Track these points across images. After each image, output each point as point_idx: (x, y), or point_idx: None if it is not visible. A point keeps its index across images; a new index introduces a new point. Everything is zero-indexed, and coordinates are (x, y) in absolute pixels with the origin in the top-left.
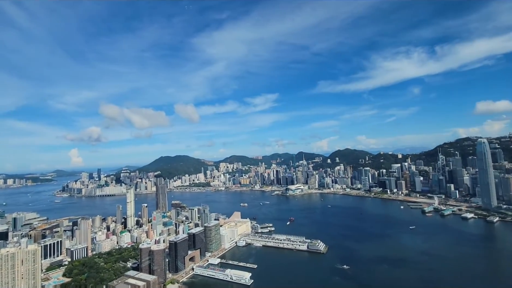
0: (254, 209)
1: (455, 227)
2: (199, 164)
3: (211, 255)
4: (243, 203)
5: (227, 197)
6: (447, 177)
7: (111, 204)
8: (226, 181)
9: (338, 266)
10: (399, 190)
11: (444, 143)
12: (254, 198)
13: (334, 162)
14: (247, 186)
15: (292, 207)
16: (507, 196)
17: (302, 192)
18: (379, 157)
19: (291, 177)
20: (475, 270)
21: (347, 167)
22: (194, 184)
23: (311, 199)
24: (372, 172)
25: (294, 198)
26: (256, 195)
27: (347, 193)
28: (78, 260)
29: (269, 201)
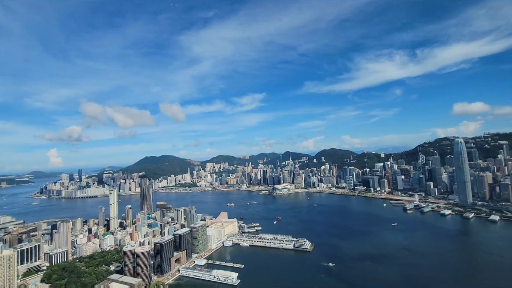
0: (241, 209)
1: (434, 223)
2: (185, 164)
3: (198, 256)
4: (230, 203)
5: (213, 197)
6: (427, 176)
7: (93, 206)
8: (213, 181)
9: (323, 263)
10: (382, 188)
11: (424, 143)
12: (241, 198)
13: (320, 162)
14: (234, 186)
15: (279, 206)
16: (481, 193)
17: (288, 192)
18: (363, 156)
19: (278, 177)
20: (452, 264)
21: (333, 167)
22: (180, 184)
23: (297, 198)
24: (356, 171)
25: (281, 198)
26: (243, 195)
27: (332, 192)
28: (58, 265)
29: (256, 200)
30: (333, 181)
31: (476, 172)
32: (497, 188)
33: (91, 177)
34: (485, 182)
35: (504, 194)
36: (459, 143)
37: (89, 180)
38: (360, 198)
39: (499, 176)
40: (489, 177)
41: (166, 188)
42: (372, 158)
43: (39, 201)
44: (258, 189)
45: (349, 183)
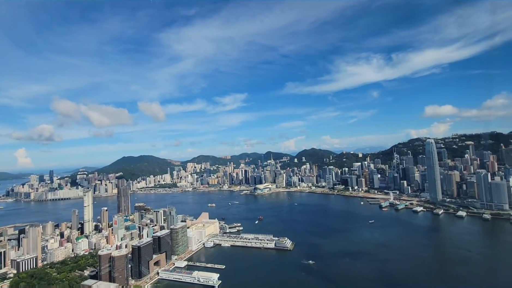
0: (222, 209)
1: (407, 220)
2: (165, 165)
3: (178, 258)
4: (211, 203)
5: (194, 197)
6: (401, 174)
7: (65, 208)
8: (194, 181)
9: (304, 262)
10: (360, 187)
11: (398, 143)
12: (222, 198)
13: (301, 162)
14: (215, 186)
15: (261, 206)
16: (450, 191)
17: (270, 191)
18: (342, 156)
19: (260, 177)
20: (424, 258)
21: (313, 166)
22: (160, 185)
23: (278, 198)
24: (335, 171)
25: (262, 197)
26: (225, 195)
27: (312, 191)
28: (26, 272)
29: (238, 200)
30: (313, 180)
31: (445, 170)
32: (464, 186)
33: (64, 178)
34: (453, 180)
35: (470, 192)
36: (430, 143)
37: (61, 182)
38: (339, 197)
39: (465, 174)
40: (457, 175)
41: (145, 189)
42: (350, 158)
43: (5, 204)
44: (240, 189)
45: (328, 182)
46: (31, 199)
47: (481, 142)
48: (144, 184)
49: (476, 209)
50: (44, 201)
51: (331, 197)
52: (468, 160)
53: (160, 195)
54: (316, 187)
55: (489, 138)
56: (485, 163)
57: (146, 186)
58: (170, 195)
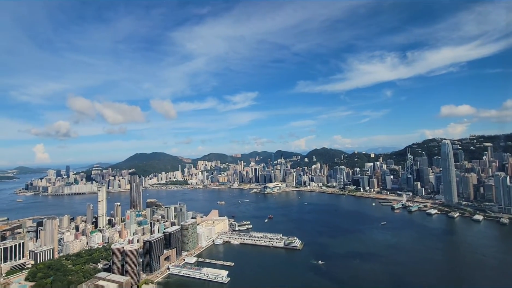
0: (232, 207)
1: (421, 222)
2: (176, 162)
3: (188, 254)
4: (221, 201)
5: (204, 195)
6: (414, 176)
7: (80, 203)
8: (204, 179)
9: (313, 262)
10: (371, 188)
11: (412, 144)
12: (232, 196)
13: (311, 161)
14: (225, 184)
15: (270, 205)
16: (466, 193)
17: (280, 190)
18: (353, 156)
19: (269, 175)
20: (436, 261)
21: (323, 166)
22: (171, 182)
23: (288, 197)
24: (346, 171)
25: (272, 196)
26: (235, 193)
27: (323, 191)
28: (43, 263)
29: (248, 199)
30: (323, 180)
31: (461, 173)
32: (481, 188)
33: (79, 174)
34: (470, 182)
35: (487, 195)
36: (445, 144)
37: (77, 177)
38: (350, 197)
39: (483, 177)
40: (474, 178)
41: (157, 186)
42: (362, 158)
43: (24, 197)
44: (250, 187)
45: (339, 182)
46: (49, 193)
47: (500, 143)
48: (156, 180)
49: (494, 213)
50: (61, 195)
51: (341, 197)
52: (486, 162)
53: (171, 192)
54: (326, 187)
55: (509, 139)
56: (504, 165)
57: (158, 183)
58: (181, 192)
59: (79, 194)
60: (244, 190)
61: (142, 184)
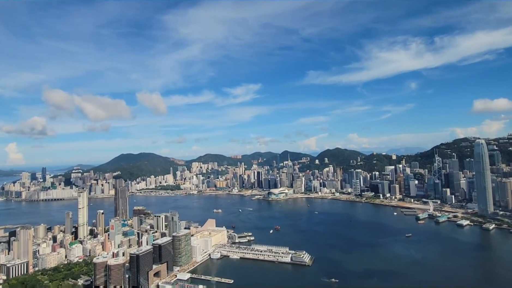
0: (231, 216)
1: (450, 235)
2: (167, 164)
3: (180, 270)
4: (219, 209)
5: (200, 202)
6: (443, 181)
7: (58, 210)
8: (199, 183)
9: (324, 279)
10: (393, 194)
11: (441, 144)
12: (231, 203)
13: (323, 163)
14: (223, 189)
15: (275, 213)
16: (504, 202)
17: (286, 197)
18: (371, 158)
19: (274, 180)
20: (468, 281)
21: (337, 169)
22: (161, 186)
23: (296, 205)
24: (364, 175)
25: (277, 203)
26: (234, 199)
27: (336, 198)
28: (16, 278)
29: (249, 206)
30: (337, 185)
31: (498, 177)
32: None
33: (57, 177)
34: (509, 189)
35: None
36: (480, 144)
37: (54, 180)
38: (368, 205)
39: None
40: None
41: (145, 191)
42: (382, 160)
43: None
44: (251, 193)
45: (355, 188)
46: (22, 199)
47: None
48: (144, 185)
49: None
50: (36, 201)
51: (358, 205)
52: None
53: (162, 198)
54: (340, 194)
55: None
56: None
57: (146, 188)
58: (172, 198)
59: (57, 200)
60: (245, 196)
61: (129, 189)
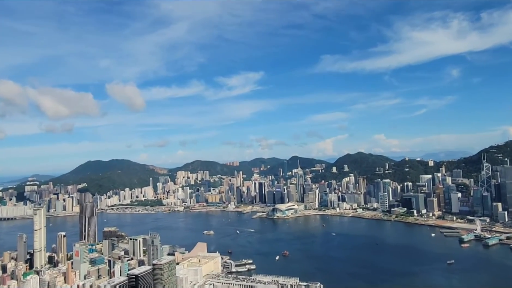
0: (226, 239)
1: (503, 261)
2: (146, 173)
3: None
4: (211, 230)
5: (187, 221)
6: (493, 193)
7: (9, 232)
8: (186, 197)
9: None
10: (430, 211)
11: (490, 146)
12: (227, 222)
13: (342, 172)
14: (217, 205)
15: (282, 235)
16: None
17: (296, 214)
18: (403, 164)
19: (281, 193)
20: None
21: (359, 179)
22: (139, 202)
23: (308, 224)
24: (393, 186)
25: (284, 223)
26: (230, 218)
27: (358, 215)
28: None
29: (249, 226)
30: (360, 199)
31: None
32: None
33: (7, 190)
34: None
35: None
36: None
37: (3, 195)
38: (398, 225)
39: None
40: None
41: (118, 208)
42: (416, 168)
43: None
44: (252, 210)
45: (382, 202)
46: None
47: None
48: (117, 200)
49: None
50: None
51: (386, 224)
52: None
53: (139, 216)
54: (364, 210)
55: None
56: None
57: (120, 204)
58: (152, 216)
59: (7, 220)
60: (244, 214)
61: (97, 206)
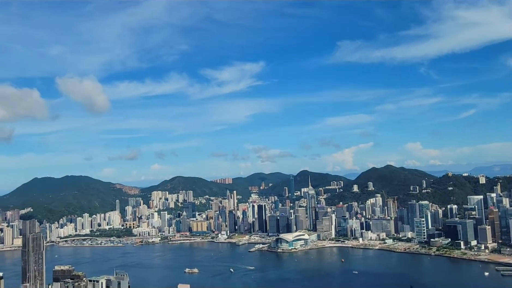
0: (216, 280)
1: None
2: (110, 194)
3: None
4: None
5: (165, 256)
6: None
7: None
8: (164, 225)
9: None
10: (482, 242)
11: None
12: (216, 257)
13: (365, 191)
14: (204, 234)
15: (289, 274)
16: None
17: (306, 246)
18: (445, 181)
19: (287, 218)
20: None
21: (389, 200)
22: (101, 231)
23: (323, 259)
24: (433, 210)
25: (291, 258)
26: (222, 251)
27: (388, 248)
28: None
29: (246, 263)
30: (389, 227)
31: None
32: None
33: None
34: None
35: None
36: None
37: None
38: (440, 260)
39: None
40: None
41: (74, 239)
42: (462, 186)
43: None
44: (249, 241)
45: (419, 231)
46: None
47: None
48: (72, 229)
49: None
50: None
51: (424, 260)
52: None
53: (102, 251)
54: (395, 241)
55: None
56: None
57: (76, 234)
58: (119, 250)
59: None
60: (239, 246)
61: (47, 237)
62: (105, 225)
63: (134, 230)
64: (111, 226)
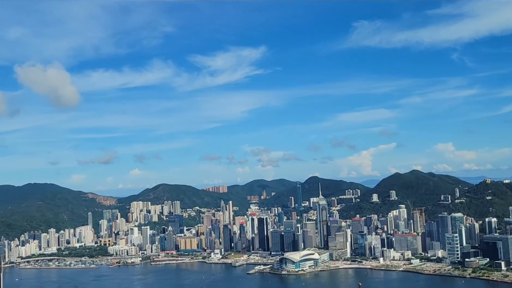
0: None
1: None
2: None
3: None
4: None
5: (147, 280)
6: None
7: None
8: (146, 242)
9: None
10: None
11: None
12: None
13: (387, 201)
14: (193, 253)
15: None
16: None
17: (316, 268)
18: (482, 190)
19: (293, 234)
20: None
21: (415, 212)
22: (71, 250)
23: (336, 283)
24: (468, 223)
25: (298, 281)
26: (215, 274)
27: (414, 269)
28: None
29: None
30: (416, 244)
31: None
32: None
33: None
34: None
35: None
36: None
37: None
38: (477, 284)
39: None
40: None
41: (38, 259)
42: (503, 195)
43: None
44: (248, 261)
45: (451, 249)
46: None
47: None
48: (36, 247)
49: None
50: None
51: (457, 283)
52: None
53: (71, 273)
54: (422, 261)
55: None
56: None
57: (41, 253)
58: (92, 272)
59: None
60: (235, 267)
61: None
62: (75, 243)
63: (109, 249)
64: (83, 243)
